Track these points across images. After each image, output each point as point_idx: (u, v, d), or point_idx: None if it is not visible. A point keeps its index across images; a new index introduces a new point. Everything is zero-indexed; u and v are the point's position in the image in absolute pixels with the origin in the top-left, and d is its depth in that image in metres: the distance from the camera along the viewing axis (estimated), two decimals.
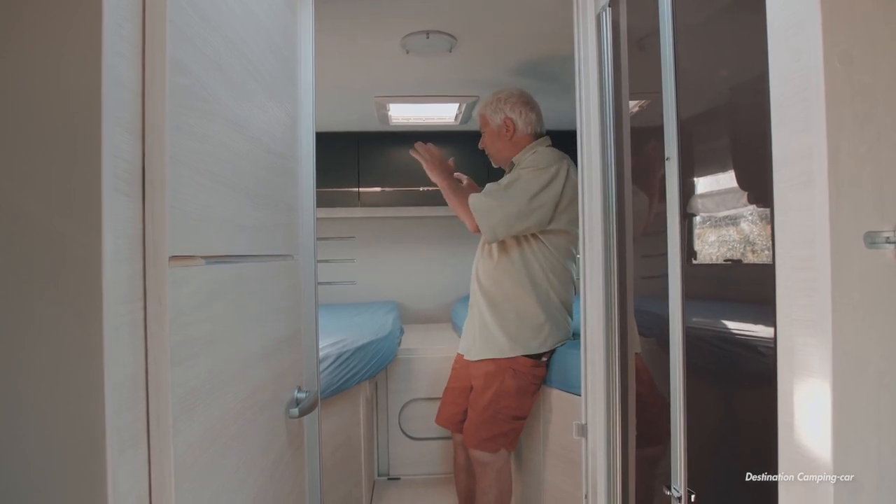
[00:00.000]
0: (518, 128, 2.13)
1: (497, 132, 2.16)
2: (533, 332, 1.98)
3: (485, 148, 2.23)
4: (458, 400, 2.12)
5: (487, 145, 2.21)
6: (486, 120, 2.18)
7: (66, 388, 0.51)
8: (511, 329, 1.98)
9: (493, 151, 2.20)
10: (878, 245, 0.54)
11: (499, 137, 2.16)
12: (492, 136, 2.18)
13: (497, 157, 2.21)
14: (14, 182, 0.51)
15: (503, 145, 2.17)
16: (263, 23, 0.99)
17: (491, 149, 2.20)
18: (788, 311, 0.60)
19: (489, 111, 2.17)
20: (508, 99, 2.14)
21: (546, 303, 2.01)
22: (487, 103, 2.18)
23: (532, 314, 1.99)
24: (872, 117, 0.54)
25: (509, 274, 2.01)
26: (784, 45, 0.59)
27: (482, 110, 2.20)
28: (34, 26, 0.51)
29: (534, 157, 2.05)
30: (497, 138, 2.16)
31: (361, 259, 3.76)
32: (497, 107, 2.14)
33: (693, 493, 1.00)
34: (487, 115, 2.17)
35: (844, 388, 0.54)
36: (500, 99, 2.15)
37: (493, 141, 2.18)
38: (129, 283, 0.56)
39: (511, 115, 2.13)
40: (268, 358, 0.99)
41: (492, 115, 2.16)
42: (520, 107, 2.13)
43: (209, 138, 0.73)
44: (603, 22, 1.40)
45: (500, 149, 2.18)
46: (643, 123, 1.34)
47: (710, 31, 1.10)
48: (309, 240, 1.35)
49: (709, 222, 1.12)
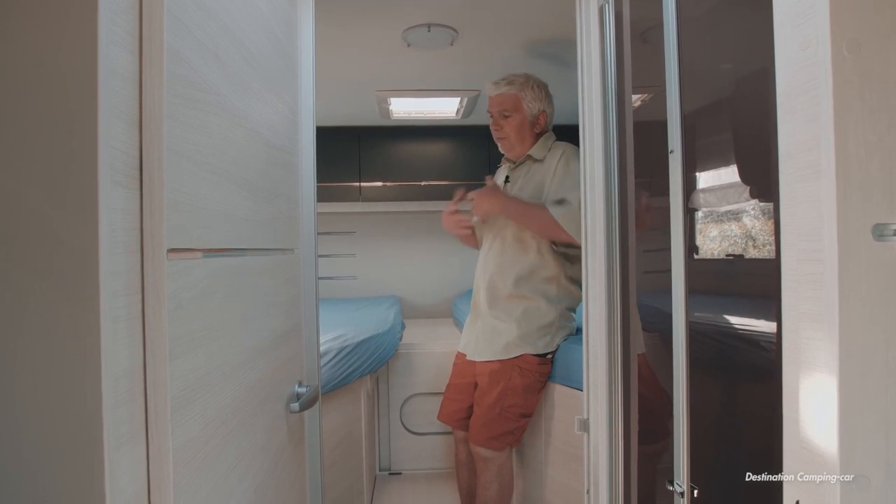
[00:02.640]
0: (547, 123, 2.02)
1: (530, 122, 2.00)
2: (540, 333, 1.95)
3: (503, 135, 2.02)
4: (461, 396, 2.09)
5: (511, 133, 2.00)
6: (520, 105, 1.98)
7: (62, 382, 0.50)
8: (518, 328, 1.94)
9: (515, 140, 2.01)
10: (886, 237, 0.53)
11: (529, 128, 2.00)
12: (522, 125, 1.99)
13: (515, 149, 2.04)
14: (9, 173, 0.50)
15: (529, 137, 2.02)
16: (263, 13, 0.98)
17: (514, 137, 2.01)
18: (794, 305, 0.59)
19: (529, 97, 1.98)
20: (544, 88, 2.00)
21: (557, 303, 1.98)
22: (524, 86, 1.98)
23: (543, 314, 1.95)
24: (882, 106, 0.53)
25: (524, 272, 1.96)
26: (791, 33, 0.58)
27: (517, 92, 1.98)
28: (30, 14, 0.50)
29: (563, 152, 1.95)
30: (526, 128, 2.00)
31: (362, 254, 3.76)
32: (537, 95, 1.98)
33: (696, 487, 0.99)
34: (525, 100, 1.98)
35: (851, 382, 0.53)
36: (540, 86, 1.99)
37: (521, 129, 2.00)
38: (127, 276, 0.56)
39: (547, 110, 2.01)
40: (268, 352, 0.98)
41: (530, 103, 1.98)
42: (550, 100, 2.01)
43: (208, 130, 0.72)
44: (606, 14, 1.39)
45: (523, 139, 2.01)
46: (647, 117, 1.33)
47: (715, 22, 1.09)
48: (310, 234, 1.34)
49: (711, 217, 1.12)
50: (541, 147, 2.01)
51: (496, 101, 2.01)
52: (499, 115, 2.01)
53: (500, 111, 2.00)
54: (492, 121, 2.05)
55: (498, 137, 2.04)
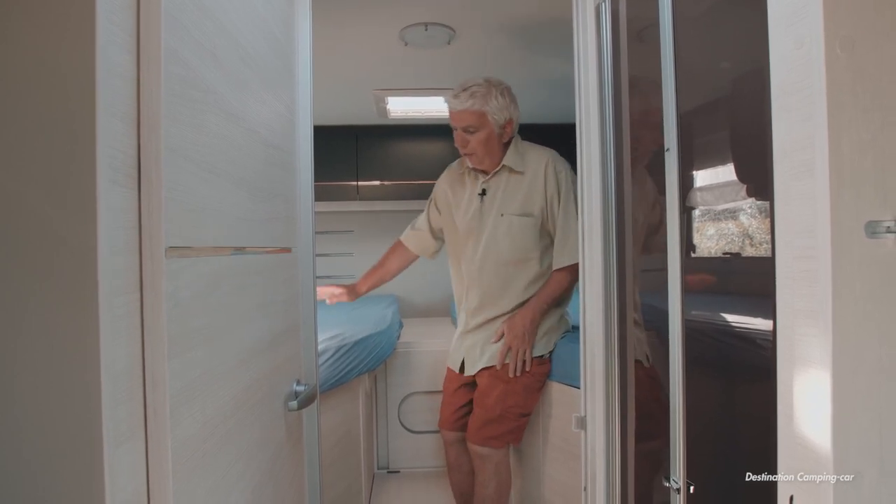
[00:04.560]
0: (514, 129, 1.91)
1: (498, 134, 1.87)
2: (540, 335, 1.96)
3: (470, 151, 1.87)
4: (454, 399, 2.08)
5: (479, 148, 1.86)
6: (486, 120, 1.84)
7: (61, 380, 0.50)
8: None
9: (483, 155, 1.88)
10: (878, 235, 0.54)
11: (497, 139, 1.88)
12: (489, 138, 1.86)
13: (485, 162, 1.91)
14: (9, 173, 0.50)
15: (498, 149, 1.89)
16: (260, 13, 0.98)
17: (482, 152, 1.87)
18: (789, 301, 0.60)
19: (494, 108, 1.83)
20: (507, 93, 1.87)
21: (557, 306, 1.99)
22: (487, 96, 1.83)
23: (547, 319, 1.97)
24: (875, 105, 0.53)
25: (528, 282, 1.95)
26: (785, 31, 0.59)
27: (482, 106, 1.83)
28: (29, 14, 0.50)
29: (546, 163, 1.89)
30: (494, 140, 1.87)
31: (360, 253, 3.75)
32: (502, 104, 1.84)
33: (692, 484, 1.00)
34: (491, 113, 1.84)
35: (844, 378, 0.53)
36: (503, 93, 1.86)
37: (488, 143, 1.86)
38: (126, 275, 0.56)
39: (514, 116, 1.88)
40: (266, 351, 0.98)
41: (496, 115, 1.84)
42: (515, 103, 1.90)
43: (205, 129, 0.72)
44: (602, 13, 1.39)
45: (492, 152, 1.89)
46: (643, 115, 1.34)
47: (711, 21, 1.10)
48: (307, 233, 1.34)
49: (708, 215, 1.12)
50: (514, 156, 1.92)
51: (460, 118, 1.87)
52: (463, 131, 1.88)
53: (465, 127, 1.86)
54: (455, 134, 1.91)
55: (465, 153, 1.92)
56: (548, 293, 1.92)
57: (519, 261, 1.93)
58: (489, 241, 1.94)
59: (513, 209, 1.92)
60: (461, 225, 2.02)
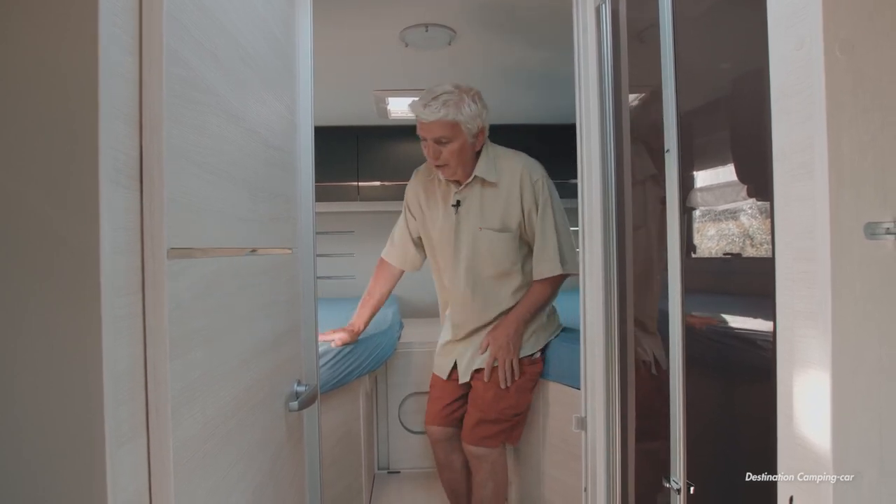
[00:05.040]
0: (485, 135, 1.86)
1: (471, 144, 1.81)
2: (528, 335, 1.97)
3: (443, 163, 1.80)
4: (442, 395, 2.07)
5: (452, 160, 1.79)
6: (459, 130, 1.76)
7: (63, 381, 0.50)
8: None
9: (456, 166, 1.82)
10: (878, 236, 0.54)
11: (470, 149, 1.82)
12: (462, 149, 1.79)
13: (460, 173, 1.85)
14: (10, 173, 0.50)
15: (471, 159, 1.84)
16: (261, 13, 0.99)
17: (455, 163, 1.80)
18: (788, 303, 0.60)
19: (466, 117, 1.75)
20: (478, 98, 1.79)
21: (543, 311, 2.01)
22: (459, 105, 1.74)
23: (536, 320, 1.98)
24: (875, 106, 0.53)
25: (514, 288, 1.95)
26: (784, 32, 0.59)
27: (454, 116, 1.74)
28: (30, 14, 0.50)
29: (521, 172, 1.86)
30: (467, 150, 1.81)
31: (361, 254, 3.75)
32: (474, 111, 1.77)
33: (692, 485, 1.00)
34: (464, 122, 1.76)
35: (844, 379, 0.53)
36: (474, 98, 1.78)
37: (461, 154, 1.80)
38: (127, 276, 0.56)
39: (485, 123, 1.82)
40: (267, 351, 0.99)
41: (469, 124, 1.77)
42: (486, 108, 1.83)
43: (207, 130, 0.73)
44: (602, 14, 1.40)
45: (466, 163, 1.83)
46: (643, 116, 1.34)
47: (711, 22, 1.10)
48: (308, 234, 1.34)
49: (708, 216, 1.12)
50: (486, 165, 1.86)
51: (430, 129, 1.77)
52: (435, 142, 1.79)
53: (437, 138, 1.78)
54: (425, 145, 1.83)
55: (437, 165, 1.83)
56: (530, 303, 1.94)
57: (502, 273, 1.94)
58: (471, 257, 1.92)
59: (491, 223, 1.89)
60: (436, 235, 2.01)
